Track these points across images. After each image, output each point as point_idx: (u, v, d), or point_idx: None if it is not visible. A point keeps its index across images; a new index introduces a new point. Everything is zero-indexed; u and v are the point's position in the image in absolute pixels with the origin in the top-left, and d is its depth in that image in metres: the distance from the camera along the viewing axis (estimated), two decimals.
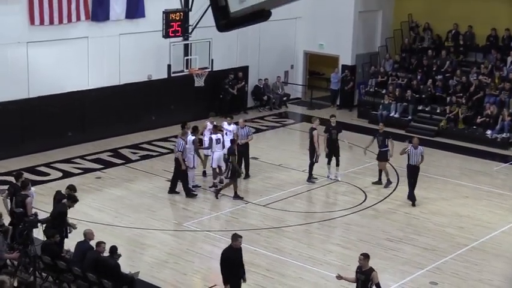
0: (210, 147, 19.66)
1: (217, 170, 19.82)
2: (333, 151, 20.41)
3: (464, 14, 28.45)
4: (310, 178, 20.41)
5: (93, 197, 19.10)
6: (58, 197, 14.99)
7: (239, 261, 12.87)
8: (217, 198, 19.03)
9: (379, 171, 20.30)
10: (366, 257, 12.16)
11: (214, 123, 20.32)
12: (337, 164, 20.55)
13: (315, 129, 20.22)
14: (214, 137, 19.65)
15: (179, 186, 19.23)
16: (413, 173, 18.94)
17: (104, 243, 13.28)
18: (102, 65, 24.00)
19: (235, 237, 12.83)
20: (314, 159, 20.24)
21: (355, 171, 21.19)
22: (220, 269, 12.78)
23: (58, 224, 14.31)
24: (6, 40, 21.27)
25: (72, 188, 15.07)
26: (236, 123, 20.73)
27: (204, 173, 20.54)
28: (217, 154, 19.62)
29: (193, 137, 19.23)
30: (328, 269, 15.15)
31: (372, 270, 12.04)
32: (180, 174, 19.02)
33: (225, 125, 20.47)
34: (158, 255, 15.76)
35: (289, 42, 30.28)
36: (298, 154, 22.98)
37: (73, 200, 14.57)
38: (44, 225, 14.29)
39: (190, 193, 19.08)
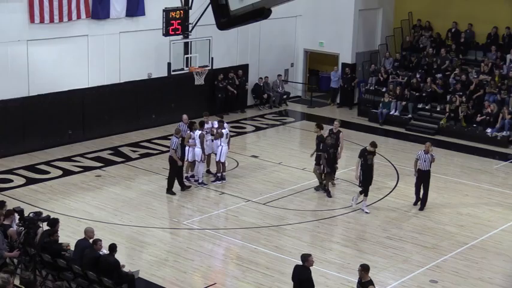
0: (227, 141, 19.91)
1: (221, 165, 20.02)
2: (368, 180, 18.29)
3: (464, 12, 28.46)
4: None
5: (93, 195, 19.11)
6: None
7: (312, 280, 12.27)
8: (330, 196, 19.20)
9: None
10: (364, 268, 11.88)
11: (210, 122, 20.38)
12: (366, 194, 18.39)
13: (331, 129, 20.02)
14: (224, 131, 19.84)
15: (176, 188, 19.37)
16: (422, 177, 18.39)
17: (101, 240, 13.26)
18: (102, 63, 23.98)
19: (305, 257, 12.21)
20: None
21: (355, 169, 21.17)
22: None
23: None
24: (7, 38, 21.27)
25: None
26: (215, 123, 20.59)
27: (208, 171, 20.59)
28: (226, 148, 19.87)
29: (200, 132, 19.57)
30: (328, 267, 15.17)
31: (369, 283, 11.79)
32: (175, 172, 19.22)
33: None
34: (158, 253, 15.76)
35: (289, 40, 30.25)
36: (298, 152, 22.97)
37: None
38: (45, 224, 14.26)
39: (184, 186, 19.41)
